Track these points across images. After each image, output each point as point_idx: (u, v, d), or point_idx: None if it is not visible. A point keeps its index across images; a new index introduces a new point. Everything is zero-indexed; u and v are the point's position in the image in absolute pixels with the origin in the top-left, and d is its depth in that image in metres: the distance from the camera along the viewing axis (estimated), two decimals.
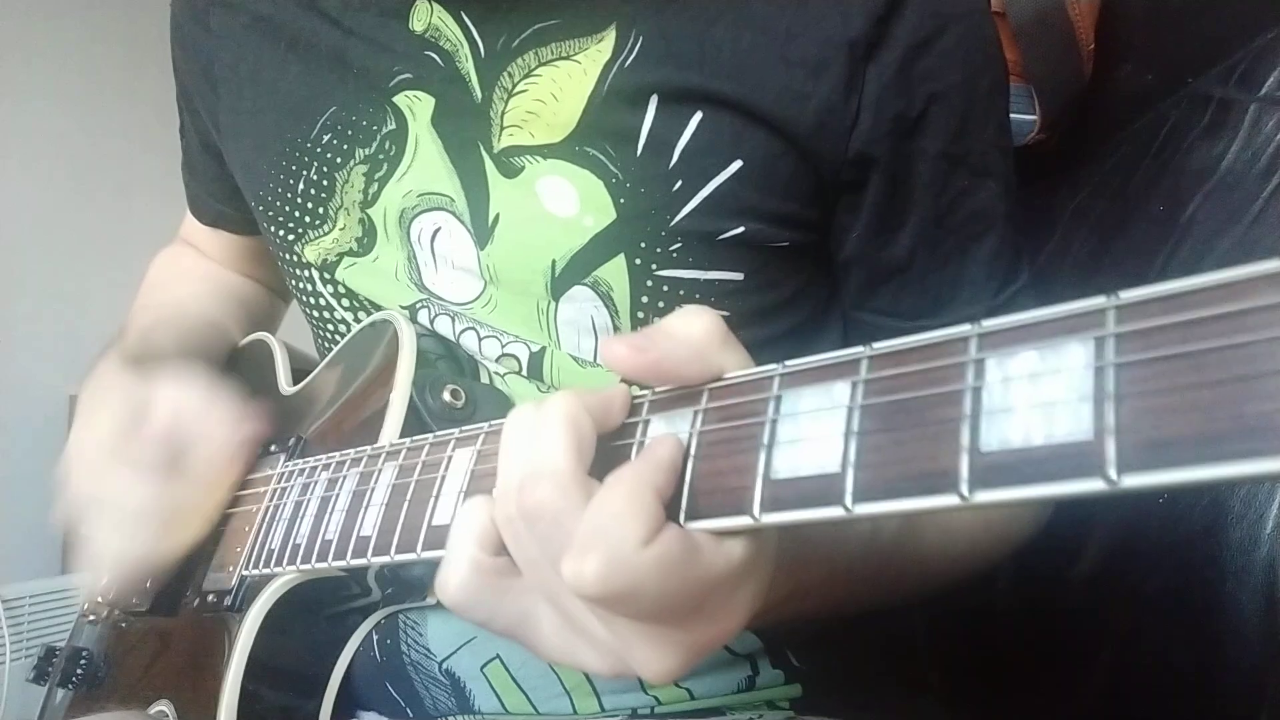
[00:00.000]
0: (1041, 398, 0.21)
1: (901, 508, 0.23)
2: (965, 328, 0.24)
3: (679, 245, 0.60)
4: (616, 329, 0.62)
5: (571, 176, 0.60)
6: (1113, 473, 0.20)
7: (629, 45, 0.58)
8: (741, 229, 0.59)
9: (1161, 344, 0.20)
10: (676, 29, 0.58)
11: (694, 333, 0.37)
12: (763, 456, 0.27)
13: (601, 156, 0.59)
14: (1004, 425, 0.22)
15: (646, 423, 0.33)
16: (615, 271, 0.60)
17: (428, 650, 0.64)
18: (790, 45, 0.57)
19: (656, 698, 0.63)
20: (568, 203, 0.60)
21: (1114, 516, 0.70)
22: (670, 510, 0.34)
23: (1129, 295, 0.21)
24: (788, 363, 0.29)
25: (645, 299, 0.61)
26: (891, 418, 0.24)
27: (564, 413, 0.37)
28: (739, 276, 0.61)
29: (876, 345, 0.27)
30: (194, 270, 0.92)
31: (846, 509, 0.24)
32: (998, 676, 0.77)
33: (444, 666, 0.64)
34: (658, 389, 0.33)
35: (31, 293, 2.03)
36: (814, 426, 0.26)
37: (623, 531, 0.33)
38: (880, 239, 0.61)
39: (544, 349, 0.63)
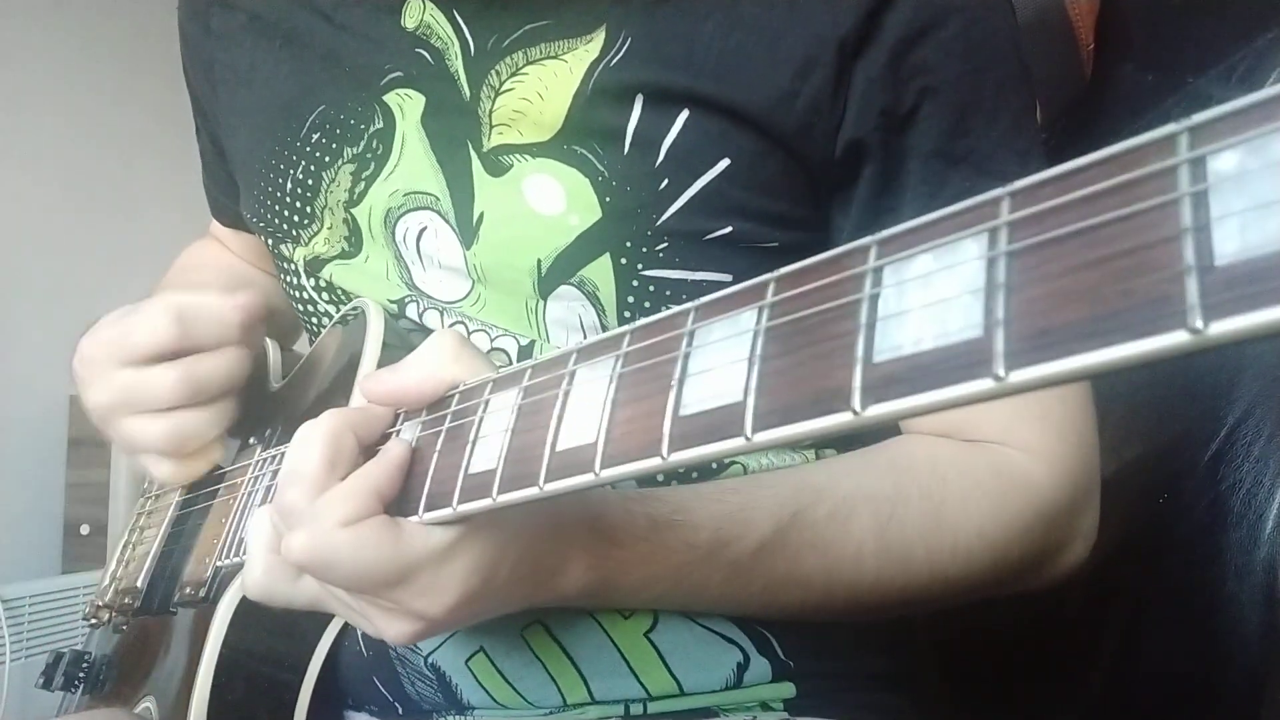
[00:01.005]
0: (935, 297, 0.20)
1: (799, 431, 0.22)
2: (865, 239, 0.23)
3: (665, 245, 0.59)
4: (604, 328, 0.61)
5: (559, 175, 0.59)
6: (1000, 369, 0.18)
7: (617, 45, 0.58)
8: (729, 229, 0.58)
9: (1053, 226, 0.18)
10: (665, 30, 0.57)
11: (426, 358, 0.46)
12: (673, 394, 0.26)
13: (589, 155, 0.58)
14: (897, 331, 0.20)
15: (573, 373, 0.32)
16: (601, 271, 0.59)
17: (413, 644, 0.63)
18: (779, 44, 0.56)
19: (646, 688, 0.61)
20: (554, 201, 0.59)
21: (1114, 516, 0.69)
22: (411, 502, 0.41)
23: (1024, 181, 0.19)
24: (703, 299, 0.28)
25: (631, 299, 0.60)
26: (791, 338, 0.23)
27: (326, 428, 0.44)
28: (727, 278, 0.59)
29: (782, 269, 0.25)
30: (217, 262, 0.93)
31: (747, 438, 0.23)
32: (998, 677, 0.76)
33: (429, 660, 0.63)
34: (581, 345, 0.33)
35: (31, 293, 2.06)
36: (721, 357, 0.25)
37: (328, 514, 0.41)
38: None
39: (533, 343, 0.63)
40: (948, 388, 0.19)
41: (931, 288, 0.20)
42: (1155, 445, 0.69)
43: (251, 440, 0.70)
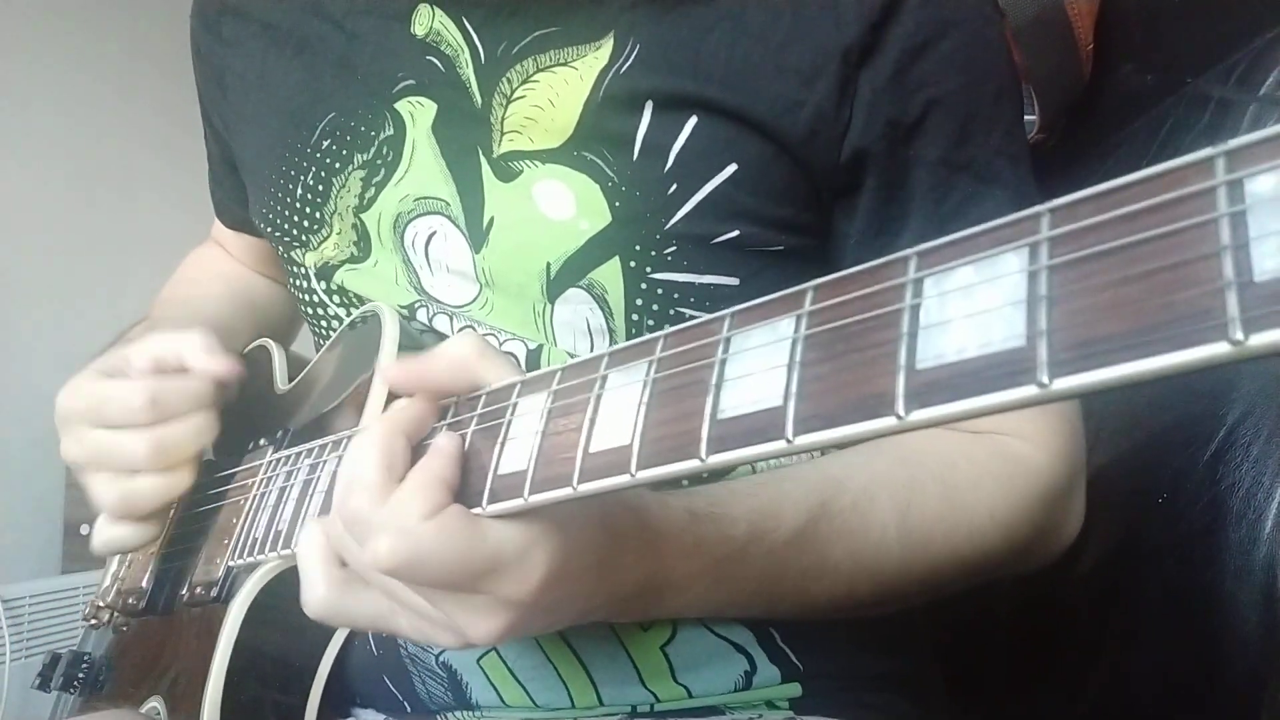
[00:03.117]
0: (977, 308, 0.21)
1: (841, 435, 0.23)
2: (904, 251, 0.24)
3: (674, 249, 0.59)
4: (611, 331, 0.62)
5: (568, 180, 0.60)
6: (1044, 377, 0.19)
7: (625, 53, 0.59)
8: (736, 232, 0.59)
9: (1093, 242, 0.19)
10: (673, 37, 0.58)
11: (452, 351, 0.45)
12: (710, 398, 0.27)
13: (598, 160, 0.59)
14: (940, 340, 0.21)
15: (605, 377, 0.33)
16: (610, 274, 0.60)
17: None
18: (784, 53, 0.57)
19: (654, 694, 0.62)
20: (564, 206, 0.60)
21: (1114, 516, 0.70)
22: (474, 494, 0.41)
23: (1063, 199, 0.20)
24: (737, 306, 0.29)
25: (640, 302, 0.61)
26: (832, 345, 0.24)
27: (379, 433, 0.43)
28: (734, 281, 0.60)
29: (820, 279, 0.26)
30: (216, 270, 0.94)
31: (788, 440, 0.24)
32: (998, 676, 0.76)
33: (441, 659, 0.63)
34: (612, 350, 0.34)
35: (31, 293, 2.04)
36: (759, 363, 0.26)
37: (407, 511, 0.40)
38: (877, 246, 0.61)
39: (541, 347, 0.63)
40: (992, 394, 0.20)
41: (973, 299, 0.21)
42: (1155, 445, 0.69)
43: (262, 442, 0.70)
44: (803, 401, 0.24)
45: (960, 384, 0.20)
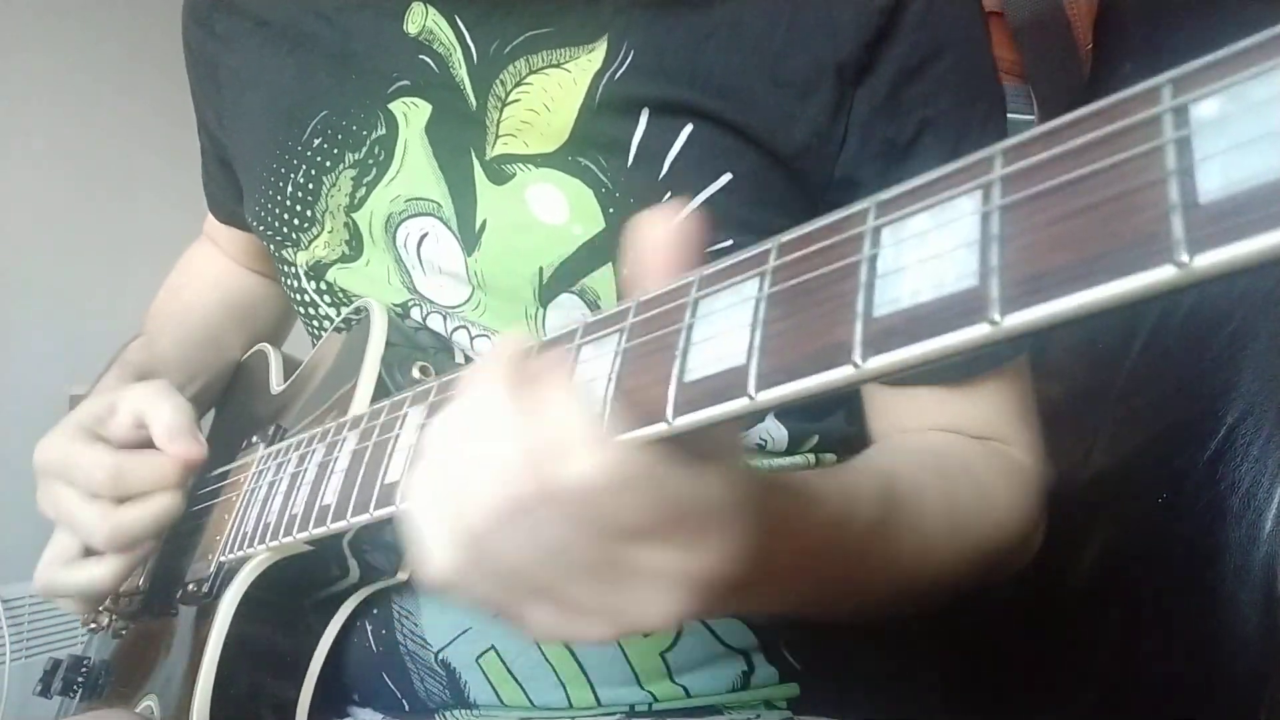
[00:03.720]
0: (931, 252, 0.20)
1: (802, 388, 0.22)
2: (864, 201, 0.24)
3: None
4: None
5: (562, 185, 0.60)
6: (996, 314, 0.19)
7: (620, 57, 0.59)
8: (730, 242, 0.59)
9: (1043, 178, 0.19)
10: (668, 44, 0.58)
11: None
12: (677, 362, 0.27)
13: (593, 166, 0.59)
14: (896, 286, 0.21)
15: (579, 349, 0.32)
16: (603, 281, 0.60)
17: (424, 640, 0.63)
18: (780, 66, 0.57)
19: (653, 693, 0.61)
20: (557, 211, 0.60)
21: (1114, 516, 0.69)
22: None
23: (1014, 139, 0.20)
24: (706, 268, 0.29)
25: None
26: (794, 301, 0.24)
27: (567, 385, 0.32)
28: None
29: (784, 235, 0.26)
30: (205, 275, 0.94)
31: (750, 397, 0.24)
32: (998, 676, 0.76)
33: (440, 656, 0.63)
34: (586, 323, 0.33)
35: (31, 293, 2.05)
36: (725, 324, 0.26)
37: (592, 426, 0.29)
38: None
39: None
40: (945, 335, 0.19)
41: (928, 244, 0.21)
42: (1154, 445, 0.69)
43: (255, 439, 0.70)
44: (765, 358, 0.24)
45: (915, 328, 0.20)
